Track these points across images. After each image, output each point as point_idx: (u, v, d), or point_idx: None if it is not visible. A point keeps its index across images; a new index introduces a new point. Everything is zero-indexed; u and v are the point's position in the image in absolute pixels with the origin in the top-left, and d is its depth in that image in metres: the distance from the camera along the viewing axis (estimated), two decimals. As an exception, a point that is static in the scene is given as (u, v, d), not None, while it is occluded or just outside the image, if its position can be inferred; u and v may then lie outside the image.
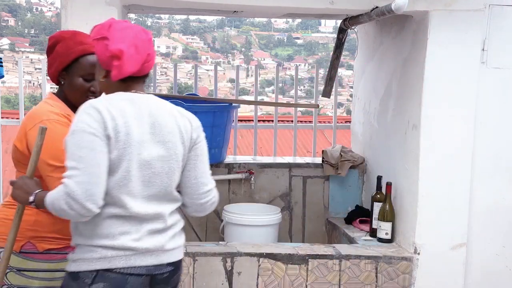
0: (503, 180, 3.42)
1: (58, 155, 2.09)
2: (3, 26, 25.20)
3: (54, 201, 1.92)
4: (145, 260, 2.04)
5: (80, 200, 1.88)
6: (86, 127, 1.92)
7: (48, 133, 2.12)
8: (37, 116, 2.20)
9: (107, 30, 2.02)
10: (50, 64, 2.31)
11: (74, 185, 1.88)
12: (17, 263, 2.22)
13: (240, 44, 26.73)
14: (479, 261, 3.42)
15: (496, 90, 3.36)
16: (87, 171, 1.89)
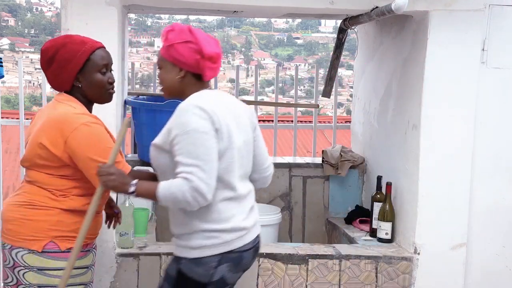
0: (503, 180, 3.42)
1: (106, 154, 2.22)
2: (3, 26, 25.19)
3: (177, 193, 2.15)
4: (251, 236, 2.34)
5: (204, 193, 2.14)
6: (199, 127, 2.18)
7: (91, 134, 2.22)
8: (72, 120, 2.23)
9: (189, 34, 2.29)
10: (57, 73, 2.31)
11: (199, 181, 2.13)
12: (38, 262, 2.25)
13: (240, 44, 26.71)
14: (479, 261, 3.43)
15: (496, 90, 3.36)
16: (206, 167, 2.16)
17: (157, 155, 2.30)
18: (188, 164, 2.15)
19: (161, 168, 2.32)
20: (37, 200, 2.28)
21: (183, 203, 2.17)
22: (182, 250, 2.30)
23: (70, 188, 2.30)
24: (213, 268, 2.25)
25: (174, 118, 2.25)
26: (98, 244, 2.76)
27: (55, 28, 22.25)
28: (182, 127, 2.19)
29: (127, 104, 3.99)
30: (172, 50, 2.29)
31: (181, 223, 2.30)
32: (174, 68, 2.32)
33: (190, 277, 2.26)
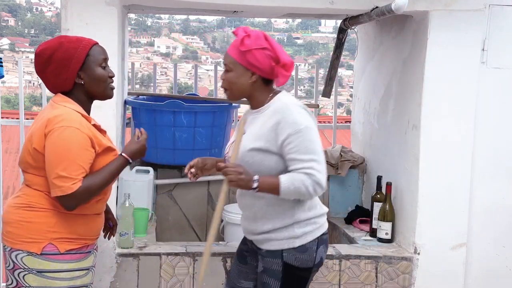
0: (503, 180, 3.42)
1: (62, 164, 2.17)
2: (3, 26, 25.18)
3: (301, 188, 2.33)
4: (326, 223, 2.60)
5: (323, 184, 2.36)
6: (311, 124, 2.38)
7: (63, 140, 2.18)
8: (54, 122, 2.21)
9: (265, 41, 2.40)
10: (57, 73, 2.30)
11: (319, 174, 2.34)
12: (37, 264, 2.24)
13: (240, 44, 26.67)
14: (479, 261, 3.43)
15: (496, 90, 3.36)
16: (321, 161, 2.37)
17: (263, 158, 2.40)
18: (307, 160, 2.33)
19: (265, 171, 2.40)
20: (35, 202, 2.27)
21: (305, 195, 2.37)
22: (284, 242, 2.45)
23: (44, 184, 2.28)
24: (315, 252, 2.48)
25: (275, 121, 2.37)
26: (98, 244, 2.76)
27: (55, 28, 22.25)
28: (294, 126, 2.33)
29: (127, 104, 3.99)
30: (249, 56, 2.38)
31: (281, 216, 2.45)
32: (246, 72, 2.42)
33: (296, 266, 2.45)
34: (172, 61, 22.25)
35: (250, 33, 2.41)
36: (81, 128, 2.23)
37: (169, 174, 4.10)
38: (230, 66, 2.45)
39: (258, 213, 2.50)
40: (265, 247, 2.50)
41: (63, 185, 2.17)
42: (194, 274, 3.23)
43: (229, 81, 2.45)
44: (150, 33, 26.84)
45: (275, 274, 2.46)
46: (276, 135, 2.36)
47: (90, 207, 2.33)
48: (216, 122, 3.91)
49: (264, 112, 2.45)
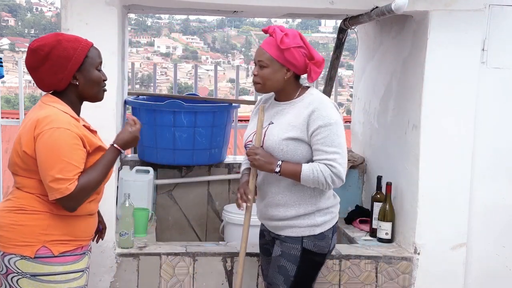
0: (503, 180, 3.42)
1: (57, 166, 2.13)
2: (3, 26, 25.17)
3: (320, 177, 2.51)
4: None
5: (343, 178, 2.54)
6: (338, 119, 2.55)
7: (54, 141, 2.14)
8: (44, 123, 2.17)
9: (300, 40, 2.58)
10: (53, 71, 2.24)
11: (340, 167, 2.51)
12: (31, 268, 2.20)
13: (240, 44, 26.69)
14: (479, 261, 3.43)
15: (496, 90, 3.36)
16: (344, 155, 2.54)
17: (297, 147, 2.57)
18: (331, 152, 2.50)
19: (298, 159, 2.57)
20: (26, 204, 2.24)
21: (323, 185, 2.54)
22: (306, 229, 2.62)
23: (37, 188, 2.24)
24: (330, 239, 2.67)
25: (310, 114, 2.53)
26: (98, 244, 2.76)
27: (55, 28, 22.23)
28: (325, 119, 2.51)
29: (127, 104, 3.99)
30: (287, 53, 2.54)
31: (304, 204, 2.62)
32: (282, 68, 2.58)
33: (314, 251, 2.63)
34: (172, 61, 22.24)
35: (287, 32, 2.57)
36: (71, 128, 2.19)
37: (169, 174, 4.10)
38: (267, 63, 2.58)
39: (282, 200, 2.65)
40: (285, 233, 2.66)
41: (60, 187, 2.14)
42: (194, 274, 3.23)
43: (264, 76, 2.60)
44: (150, 33, 26.83)
45: (293, 259, 2.62)
46: (308, 125, 2.54)
47: (83, 208, 2.28)
48: (216, 122, 3.91)
49: (296, 104, 2.62)
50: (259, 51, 2.61)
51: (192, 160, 3.92)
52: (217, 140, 3.96)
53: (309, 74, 2.60)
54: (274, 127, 2.61)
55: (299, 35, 2.61)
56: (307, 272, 2.66)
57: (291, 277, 2.63)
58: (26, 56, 2.30)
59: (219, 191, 4.22)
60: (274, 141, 2.59)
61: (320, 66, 2.60)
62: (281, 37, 2.54)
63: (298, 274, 2.63)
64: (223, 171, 4.18)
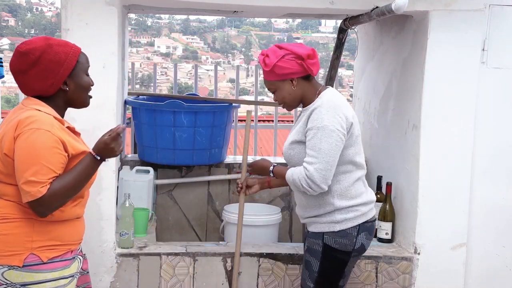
0: (503, 180, 3.42)
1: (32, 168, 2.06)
2: (3, 26, 25.16)
3: (295, 179, 2.56)
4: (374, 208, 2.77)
5: (318, 183, 2.51)
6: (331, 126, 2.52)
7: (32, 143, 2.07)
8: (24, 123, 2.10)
9: (280, 50, 2.60)
10: (43, 76, 2.17)
11: (314, 172, 2.50)
12: (20, 278, 2.13)
13: (240, 44, 26.69)
14: (479, 261, 3.42)
15: (496, 90, 3.36)
16: (323, 161, 2.50)
17: (301, 150, 2.62)
18: (310, 155, 2.53)
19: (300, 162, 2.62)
20: (8, 212, 2.15)
21: (299, 187, 2.58)
22: (325, 226, 2.65)
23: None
24: (355, 237, 2.64)
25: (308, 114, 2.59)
26: (98, 244, 2.77)
27: (55, 28, 22.22)
28: (315, 123, 2.53)
29: (127, 104, 3.99)
30: (276, 69, 2.59)
31: (322, 206, 2.65)
32: (285, 82, 2.64)
33: (335, 248, 2.64)
34: (172, 61, 22.24)
35: (267, 52, 2.64)
36: (51, 130, 2.11)
37: (169, 174, 4.11)
38: (272, 87, 2.69)
39: (303, 201, 2.73)
40: (310, 229, 2.73)
41: (32, 189, 2.06)
42: (195, 274, 3.23)
43: (280, 98, 2.70)
44: (150, 33, 26.82)
45: (316, 254, 2.67)
46: (304, 128, 2.60)
47: (68, 211, 2.22)
48: (216, 122, 3.91)
49: (308, 110, 2.64)
50: (264, 82, 2.73)
51: (192, 160, 3.92)
52: (217, 140, 3.96)
53: (309, 70, 2.62)
54: (289, 134, 2.74)
55: (278, 47, 2.63)
56: (330, 268, 2.68)
57: (315, 273, 2.67)
58: (12, 58, 2.21)
59: (219, 191, 4.22)
60: (284, 147, 2.72)
61: (312, 57, 2.61)
62: (263, 61, 2.63)
63: (321, 270, 2.66)
64: (223, 171, 4.19)
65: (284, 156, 2.74)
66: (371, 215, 2.72)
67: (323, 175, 2.51)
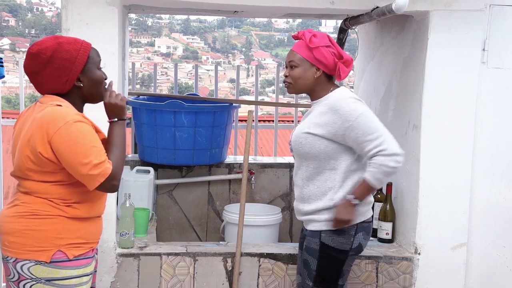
0: (503, 180, 3.42)
1: (91, 153, 2.14)
2: (3, 26, 25.19)
3: (385, 169, 2.54)
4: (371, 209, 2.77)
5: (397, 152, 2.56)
6: (365, 108, 2.61)
7: (74, 133, 2.14)
8: (56, 120, 2.15)
9: (329, 40, 2.67)
10: (57, 74, 2.22)
11: (390, 146, 2.55)
12: (46, 273, 2.18)
13: (240, 44, 26.69)
14: (479, 261, 3.42)
15: (497, 90, 3.36)
16: (386, 132, 2.58)
17: (314, 141, 2.62)
18: (375, 138, 2.54)
19: (312, 153, 2.64)
20: (39, 209, 2.21)
21: (392, 172, 2.57)
22: (323, 224, 2.66)
23: (70, 195, 2.23)
24: (352, 237, 2.66)
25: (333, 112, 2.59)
26: (98, 244, 2.76)
27: (55, 28, 22.25)
28: (354, 114, 2.56)
29: (127, 104, 3.97)
30: (316, 52, 2.63)
31: (324, 197, 2.65)
32: (311, 68, 2.66)
33: (332, 247, 2.65)
34: (172, 61, 22.25)
35: (316, 33, 2.67)
36: (82, 119, 2.20)
37: (170, 174, 4.11)
38: (297, 63, 2.68)
39: (305, 194, 2.72)
40: (309, 228, 2.73)
41: (101, 170, 2.14)
42: (195, 274, 3.23)
43: (295, 76, 2.69)
44: (151, 33, 26.83)
45: (314, 253, 2.68)
46: (333, 126, 2.59)
47: (95, 209, 2.30)
48: (217, 122, 3.91)
49: (321, 103, 2.67)
50: (290, 53, 2.72)
51: (193, 160, 3.92)
52: (218, 140, 3.96)
53: (338, 72, 2.66)
54: (300, 125, 2.74)
55: (327, 36, 2.70)
56: (328, 267, 2.69)
57: (313, 271, 2.69)
58: (25, 60, 2.26)
59: (220, 191, 4.23)
60: (295, 135, 2.70)
61: (348, 65, 2.68)
62: (309, 37, 2.64)
63: (319, 269, 2.68)
64: (223, 171, 4.19)
65: (293, 145, 2.72)
66: (369, 215, 2.73)
67: (394, 142, 2.58)
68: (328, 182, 2.65)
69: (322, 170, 2.65)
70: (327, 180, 2.66)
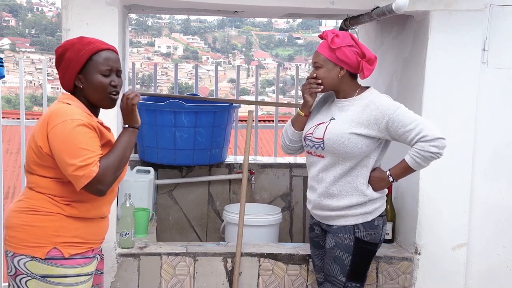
0: (503, 180, 3.41)
1: (78, 154, 2.13)
2: (3, 26, 25.20)
3: (423, 153, 2.64)
4: None
5: (439, 136, 2.63)
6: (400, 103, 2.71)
7: (69, 132, 2.14)
8: (57, 116, 2.18)
9: (351, 40, 2.72)
10: (63, 73, 2.29)
11: (430, 132, 2.61)
12: (41, 270, 2.19)
13: (240, 44, 26.71)
14: (479, 261, 3.42)
15: (497, 90, 3.36)
16: (422, 119, 2.67)
17: (358, 141, 2.68)
18: (415, 125, 2.62)
19: (354, 152, 2.69)
20: (39, 205, 2.23)
21: (432, 157, 2.64)
22: (359, 217, 2.73)
23: (69, 193, 2.23)
24: (381, 229, 2.78)
25: (373, 109, 2.67)
26: (100, 244, 2.76)
27: (56, 28, 22.27)
28: (392, 108, 2.66)
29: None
30: (339, 52, 2.69)
31: (355, 193, 2.72)
32: (335, 67, 2.72)
33: (366, 241, 2.74)
34: (172, 61, 22.26)
35: (338, 33, 2.72)
36: (83, 119, 2.19)
37: (170, 174, 4.11)
38: (321, 63, 2.74)
39: (336, 190, 2.75)
40: (338, 223, 2.76)
41: (85, 172, 2.12)
42: (195, 274, 3.23)
43: (320, 76, 2.75)
44: (151, 33, 26.85)
45: (347, 248, 2.73)
46: (376, 122, 2.66)
47: (94, 210, 2.30)
48: (217, 122, 3.91)
49: (356, 102, 2.74)
50: (315, 54, 2.78)
51: (193, 160, 3.93)
52: (218, 140, 3.96)
53: (361, 71, 2.71)
54: (336, 122, 2.74)
55: (350, 35, 2.74)
56: (361, 260, 2.77)
57: (347, 266, 2.74)
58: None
59: (220, 191, 4.23)
60: (336, 134, 2.71)
61: (372, 63, 2.73)
62: (331, 38, 2.70)
63: (353, 263, 2.74)
64: (223, 171, 4.19)
65: (330, 144, 2.71)
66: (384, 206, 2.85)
67: (434, 127, 2.64)
68: (360, 178, 2.72)
69: (356, 166, 2.72)
70: (358, 176, 2.72)
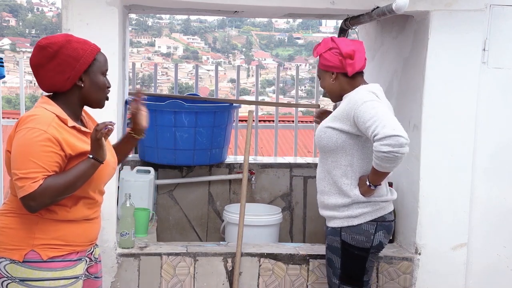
0: (504, 180, 3.41)
1: (24, 166, 2.07)
2: (4, 26, 25.21)
3: (377, 154, 2.50)
4: (392, 206, 2.81)
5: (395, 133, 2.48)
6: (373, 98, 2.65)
7: (25, 140, 2.09)
8: (24, 123, 2.13)
9: (331, 42, 2.75)
10: (59, 70, 2.20)
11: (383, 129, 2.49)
12: (20, 273, 2.14)
13: (241, 44, 26.72)
14: (480, 261, 3.42)
15: (497, 90, 3.36)
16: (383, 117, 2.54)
17: (332, 135, 2.70)
18: (372, 122, 2.53)
19: (330, 146, 2.71)
20: (16, 207, 2.18)
21: (387, 157, 2.49)
22: (344, 221, 2.70)
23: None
24: (372, 235, 2.70)
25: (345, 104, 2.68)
26: (99, 244, 2.76)
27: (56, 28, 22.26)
28: (359, 102, 2.60)
29: (128, 104, 3.99)
30: (322, 59, 2.77)
31: (342, 195, 2.71)
32: (327, 74, 2.79)
33: (353, 245, 2.70)
34: (172, 61, 22.27)
35: (321, 41, 2.81)
36: (47, 130, 2.11)
37: (170, 174, 4.11)
38: (319, 75, 2.86)
39: (325, 187, 2.79)
40: (329, 225, 2.78)
41: (24, 185, 2.06)
42: (195, 274, 3.23)
43: (322, 86, 2.86)
44: (151, 33, 26.86)
45: (336, 251, 2.74)
46: (348, 115, 2.65)
47: (73, 212, 2.22)
48: (217, 122, 3.91)
49: (345, 99, 2.77)
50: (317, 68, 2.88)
51: (193, 160, 3.93)
52: (218, 140, 3.96)
53: (348, 68, 2.72)
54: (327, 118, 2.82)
55: (331, 39, 2.78)
56: (351, 265, 2.74)
57: (338, 269, 2.75)
58: (32, 53, 2.24)
59: (220, 191, 4.23)
60: (318, 129, 2.79)
61: (352, 57, 2.71)
62: (314, 49, 2.80)
63: (344, 266, 2.73)
64: (223, 171, 4.19)
65: (315, 139, 2.81)
66: (389, 210, 2.76)
67: (390, 125, 2.50)
68: (344, 178, 2.71)
69: (339, 165, 2.71)
70: (342, 176, 2.71)
